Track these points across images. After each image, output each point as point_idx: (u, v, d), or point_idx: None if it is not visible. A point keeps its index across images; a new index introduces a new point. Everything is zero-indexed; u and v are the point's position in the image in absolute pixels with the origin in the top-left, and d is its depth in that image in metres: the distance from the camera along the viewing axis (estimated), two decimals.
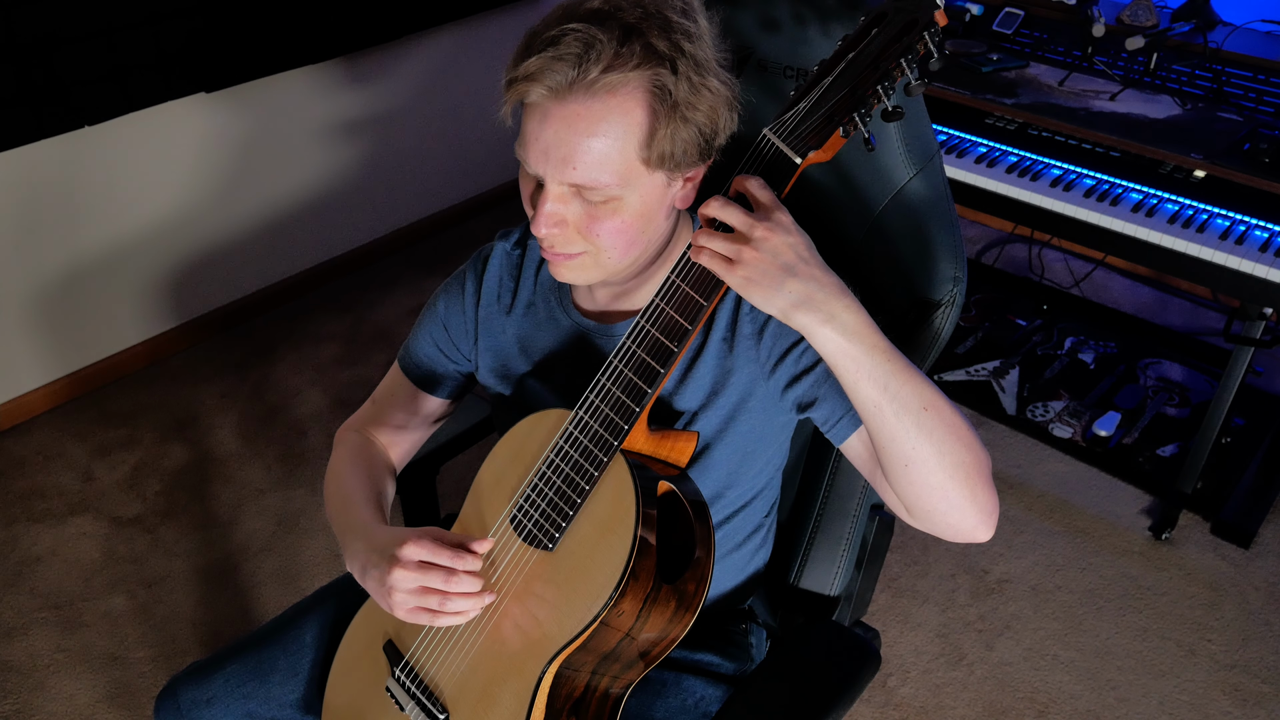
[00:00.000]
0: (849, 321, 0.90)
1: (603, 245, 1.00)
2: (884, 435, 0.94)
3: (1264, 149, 1.91)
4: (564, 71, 0.92)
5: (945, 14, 0.90)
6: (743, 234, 0.89)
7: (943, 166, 1.25)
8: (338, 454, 1.27)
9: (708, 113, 0.96)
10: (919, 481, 0.95)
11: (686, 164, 0.98)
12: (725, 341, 1.09)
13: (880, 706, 1.90)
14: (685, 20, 0.95)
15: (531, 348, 1.18)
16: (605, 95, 0.92)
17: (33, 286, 2.48)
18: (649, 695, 1.15)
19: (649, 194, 0.99)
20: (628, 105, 0.93)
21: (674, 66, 0.93)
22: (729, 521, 1.17)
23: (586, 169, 0.95)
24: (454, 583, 1.01)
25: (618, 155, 0.95)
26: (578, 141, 0.94)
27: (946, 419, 0.93)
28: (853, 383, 0.92)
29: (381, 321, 2.95)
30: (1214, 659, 1.97)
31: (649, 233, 1.02)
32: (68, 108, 2.30)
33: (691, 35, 0.95)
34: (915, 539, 2.23)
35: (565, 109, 0.93)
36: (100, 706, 1.91)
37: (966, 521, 0.96)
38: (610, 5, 0.94)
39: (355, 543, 1.10)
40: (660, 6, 0.94)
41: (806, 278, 0.89)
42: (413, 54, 3.02)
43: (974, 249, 3.16)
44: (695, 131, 0.96)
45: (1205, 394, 2.56)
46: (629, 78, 0.92)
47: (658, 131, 0.94)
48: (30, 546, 2.23)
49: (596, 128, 0.93)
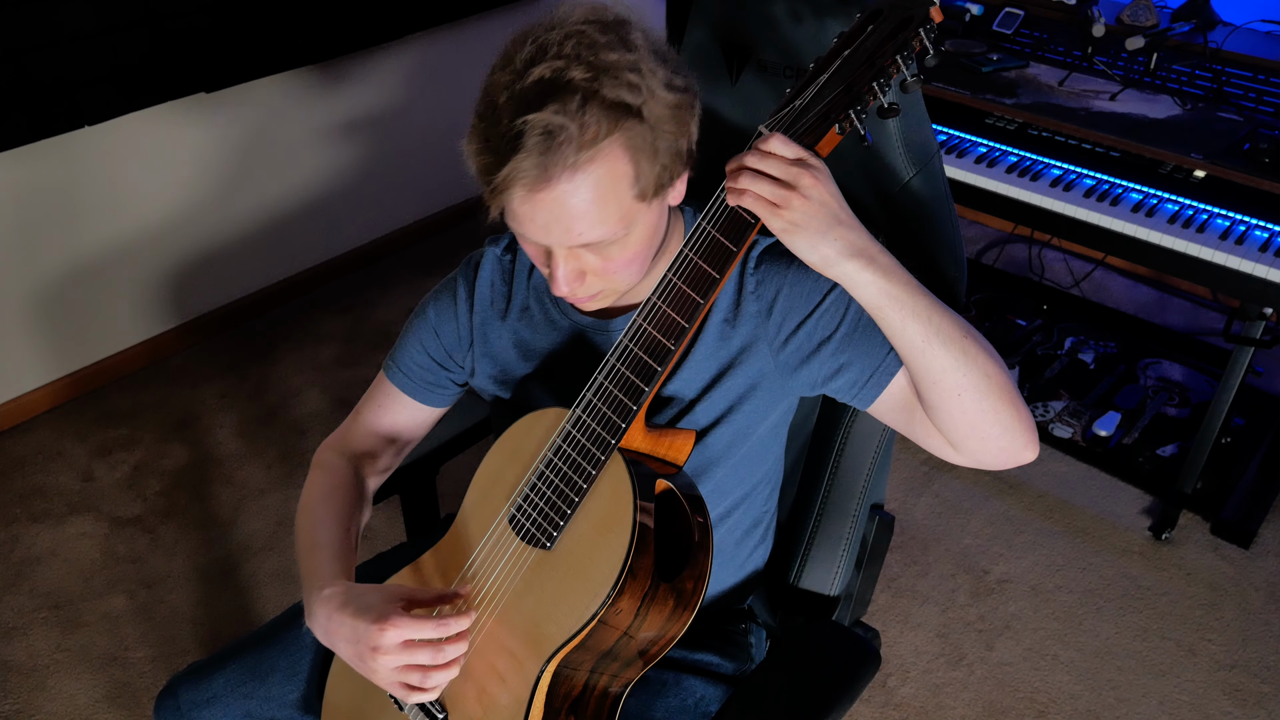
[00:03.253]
0: (886, 264, 0.92)
1: (621, 277, 1.02)
2: (935, 370, 0.94)
3: (1264, 149, 1.91)
4: (539, 166, 0.90)
5: (941, 10, 0.91)
6: (787, 181, 0.89)
7: (942, 166, 1.25)
8: (312, 482, 1.24)
9: (677, 127, 0.96)
10: (973, 409, 0.96)
11: (676, 174, 0.99)
12: (726, 323, 1.09)
13: (880, 706, 1.90)
14: (626, 53, 0.92)
15: (530, 350, 1.17)
16: (588, 166, 0.91)
17: (33, 286, 2.48)
18: (648, 695, 1.15)
19: (651, 217, 1.00)
20: (609, 164, 0.92)
21: (638, 111, 0.92)
22: (729, 516, 1.17)
23: (590, 230, 0.95)
24: (442, 655, 0.98)
25: (615, 206, 0.95)
26: (574, 214, 0.94)
27: (982, 343, 0.96)
28: (899, 323, 0.93)
29: (381, 321, 2.95)
30: (1214, 659, 1.97)
31: (655, 244, 1.04)
32: (68, 108, 2.30)
33: (640, 68, 0.92)
34: (915, 539, 2.23)
35: (553, 192, 0.92)
36: (100, 706, 1.91)
37: (1018, 440, 0.98)
38: (554, 70, 0.90)
39: (317, 606, 1.06)
40: (600, 52, 0.91)
41: (849, 225, 0.91)
42: (413, 54, 3.02)
43: (974, 249, 3.16)
44: (671, 148, 0.96)
45: (1205, 394, 2.55)
46: (607, 133, 0.91)
47: (642, 170, 0.94)
48: (30, 546, 2.23)
49: (588, 196, 0.93)
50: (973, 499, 2.32)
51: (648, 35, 0.97)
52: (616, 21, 0.95)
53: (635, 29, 0.96)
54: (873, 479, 1.28)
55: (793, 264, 1.07)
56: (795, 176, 0.89)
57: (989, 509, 2.30)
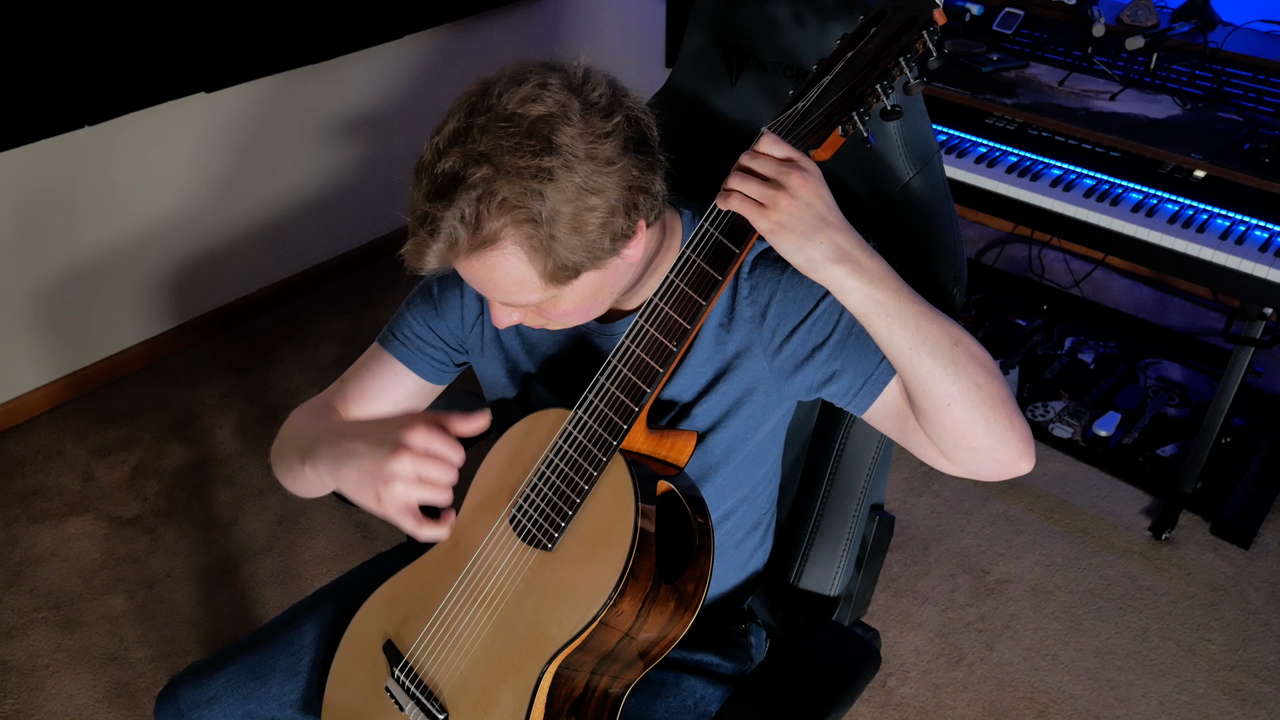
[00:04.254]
0: (874, 269, 0.91)
1: (566, 322, 1.03)
2: (923, 378, 0.94)
3: (1264, 149, 1.91)
4: (440, 246, 0.92)
5: (944, 13, 0.91)
6: (776, 181, 0.89)
7: (942, 166, 1.25)
8: (293, 415, 1.22)
9: (601, 223, 0.93)
10: (963, 419, 0.95)
11: (605, 258, 0.96)
12: (721, 327, 1.08)
13: (880, 706, 1.90)
14: (542, 158, 0.89)
15: (533, 348, 1.17)
16: (486, 252, 0.92)
17: (33, 286, 2.48)
18: (649, 695, 1.15)
19: (583, 286, 0.98)
20: (508, 253, 0.92)
21: (538, 212, 0.90)
22: (729, 518, 1.17)
23: (510, 296, 0.97)
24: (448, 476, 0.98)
25: (529, 283, 0.95)
26: (486, 282, 0.96)
27: (974, 352, 0.95)
28: (885, 330, 0.93)
29: (381, 321, 2.92)
30: (1214, 659, 1.97)
31: (606, 295, 1.02)
32: (68, 108, 2.30)
33: (551, 172, 0.89)
34: (915, 539, 2.23)
35: (460, 264, 0.95)
36: (100, 706, 1.91)
37: (1011, 451, 0.97)
38: (455, 165, 0.90)
39: (333, 439, 1.05)
40: (510, 157, 0.89)
41: (837, 228, 0.90)
42: (412, 54, 3.02)
43: (974, 249, 3.16)
44: (598, 228, 0.93)
45: (1205, 394, 2.56)
46: (499, 234, 0.91)
47: (552, 258, 0.93)
48: (30, 546, 2.23)
49: (494, 274, 0.94)
50: (973, 499, 2.32)
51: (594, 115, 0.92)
52: (545, 118, 0.90)
53: (572, 119, 0.91)
54: (873, 479, 1.28)
55: (787, 269, 1.06)
56: (784, 176, 0.89)
57: (989, 509, 2.30)
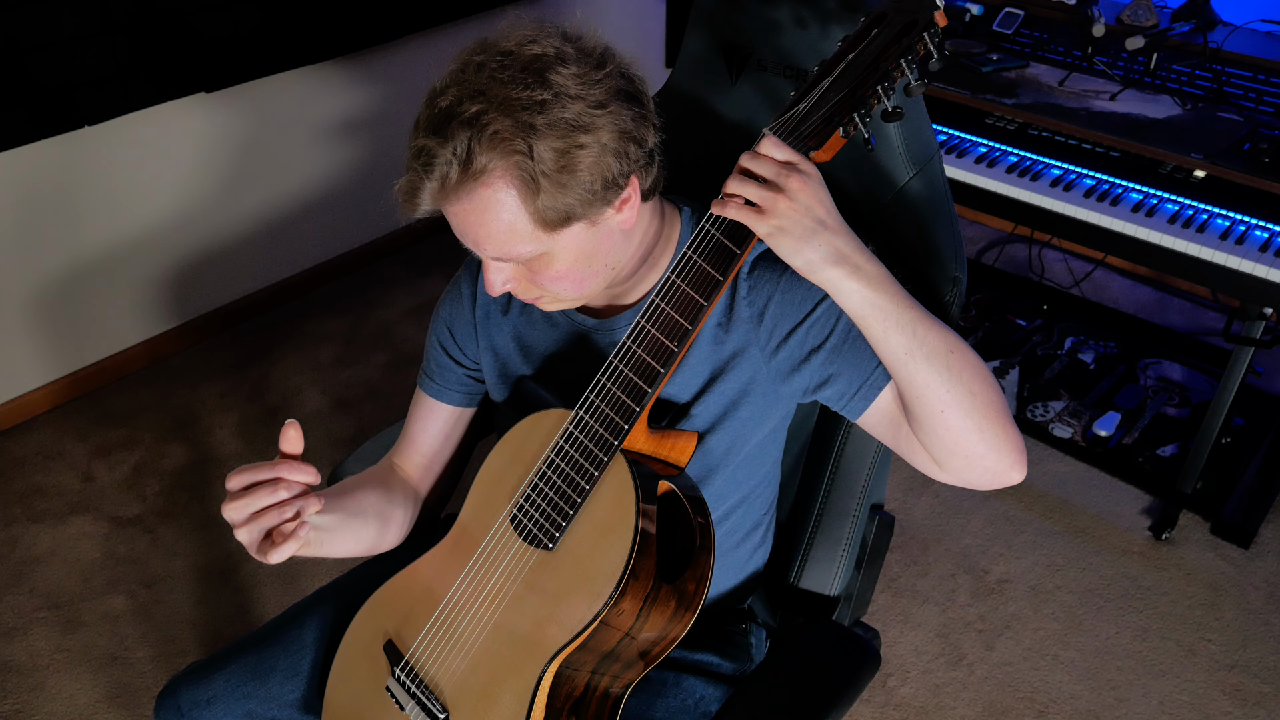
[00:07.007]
0: (872, 273, 0.92)
1: (556, 290, 1.02)
2: (917, 384, 0.94)
3: (1264, 149, 1.91)
4: (432, 183, 0.94)
5: (945, 15, 0.91)
6: (775, 184, 0.89)
7: (942, 166, 1.25)
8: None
9: (592, 163, 0.93)
10: (956, 426, 0.95)
11: (597, 206, 0.96)
12: (720, 327, 1.08)
13: (880, 706, 1.90)
14: (535, 91, 0.91)
15: (530, 348, 1.18)
16: (476, 188, 0.93)
17: (33, 286, 2.48)
18: (649, 695, 1.15)
19: (574, 242, 0.98)
20: (499, 190, 0.93)
21: (529, 146, 0.91)
22: (728, 519, 1.17)
23: (498, 246, 0.97)
24: (282, 490, 1.02)
25: (520, 228, 0.95)
26: (477, 229, 0.96)
27: (970, 360, 0.95)
28: (881, 334, 0.93)
29: (381, 321, 2.95)
30: (1214, 659, 1.97)
31: (599, 264, 1.02)
32: (68, 108, 2.30)
33: (544, 104, 0.91)
34: (915, 539, 2.23)
35: (452, 208, 0.96)
36: (100, 706, 1.91)
37: (1003, 461, 0.97)
38: (451, 101, 0.92)
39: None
40: (504, 89, 0.91)
41: (836, 231, 0.90)
42: (412, 54, 3.02)
43: (974, 249, 3.16)
44: (585, 182, 0.94)
45: (1205, 394, 2.56)
46: (490, 167, 0.92)
47: (541, 203, 0.93)
48: (30, 546, 2.23)
49: (484, 216, 0.94)
50: (973, 499, 2.32)
51: (588, 64, 0.94)
52: (540, 56, 0.93)
53: (566, 62, 0.93)
54: (873, 479, 1.28)
55: (785, 271, 1.06)
56: (783, 179, 0.89)
57: (989, 509, 2.30)
